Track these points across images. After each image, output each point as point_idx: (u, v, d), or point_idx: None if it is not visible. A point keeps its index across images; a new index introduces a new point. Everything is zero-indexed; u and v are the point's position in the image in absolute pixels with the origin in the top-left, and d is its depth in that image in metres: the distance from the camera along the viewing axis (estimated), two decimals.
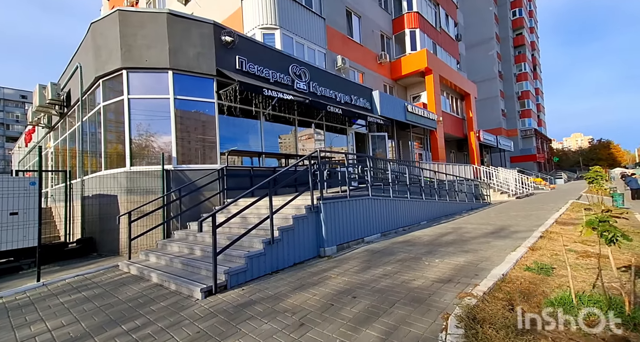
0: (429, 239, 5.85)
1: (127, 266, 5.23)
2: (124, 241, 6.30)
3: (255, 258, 4.15)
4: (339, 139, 11.85)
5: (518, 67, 50.94)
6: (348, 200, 5.69)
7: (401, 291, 3.20)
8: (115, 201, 6.67)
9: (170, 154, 6.99)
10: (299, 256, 4.78)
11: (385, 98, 13.29)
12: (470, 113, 23.04)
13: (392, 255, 4.77)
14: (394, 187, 7.18)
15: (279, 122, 9.52)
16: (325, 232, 5.10)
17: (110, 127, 7.47)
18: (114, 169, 6.94)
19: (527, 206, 10.98)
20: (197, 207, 6.79)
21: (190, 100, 7.32)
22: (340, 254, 5.13)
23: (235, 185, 7.53)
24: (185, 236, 5.99)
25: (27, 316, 3.62)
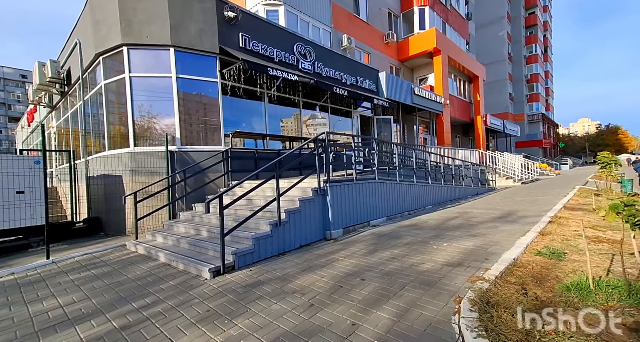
0: (435, 223, 5.82)
1: (135, 246, 5.27)
2: (131, 221, 6.33)
3: (262, 240, 4.14)
4: (344, 122, 11.63)
5: (529, 48, 49.23)
6: (354, 183, 5.62)
7: (410, 274, 3.18)
8: (120, 182, 6.65)
9: (174, 135, 6.88)
10: (305, 238, 4.77)
11: (392, 80, 12.92)
12: (478, 96, 22.49)
13: (399, 238, 4.75)
14: (400, 171, 7.08)
15: (283, 104, 9.30)
16: (332, 215, 5.07)
17: (113, 107, 7.33)
18: (117, 150, 6.87)
19: (533, 191, 10.89)
20: (201, 189, 6.77)
21: (193, 79, 7.11)
22: (346, 237, 5.12)
23: (239, 167, 7.47)
24: (191, 217, 6.00)
25: (39, 292, 3.67)
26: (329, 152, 5.28)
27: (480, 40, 35.63)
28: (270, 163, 4.35)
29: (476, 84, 22.58)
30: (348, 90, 9.60)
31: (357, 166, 6.72)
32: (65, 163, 9.00)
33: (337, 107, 11.03)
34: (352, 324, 2.32)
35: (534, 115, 47.57)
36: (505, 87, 42.99)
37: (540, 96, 50.00)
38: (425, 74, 18.94)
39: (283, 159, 4.59)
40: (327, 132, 5.29)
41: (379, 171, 6.36)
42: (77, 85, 8.59)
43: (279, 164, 4.43)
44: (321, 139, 5.23)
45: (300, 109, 9.68)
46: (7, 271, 4.54)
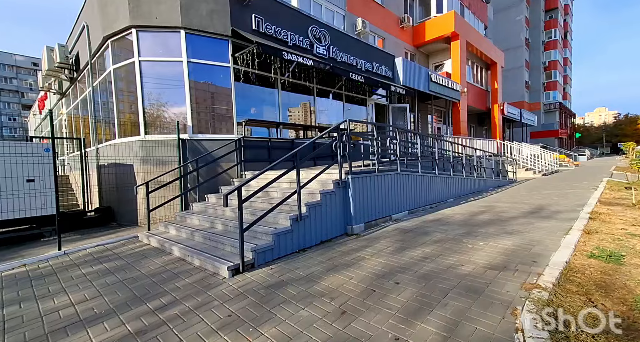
0: (462, 218, 5.47)
1: (147, 238, 5.08)
2: (142, 211, 6.15)
3: (282, 235, 3.87)
4: (358, 111, 11.16)
5: (547, 34, 47.00)
6: (376, 175, 5.27)
7: (450, 278, 2.87)
8: (131, 171, 6.45)
9: (185, 123, 6.60)
10: (326, 234, 4.49)
11: (409, 66, 12.31)
12: (495, 84, 21.56)
13: (427, 235, 4.43)
14: (422, 162, 6.68)
15: (297, 91, 8.90)
16: (354, 209, 4.76)
17: (122, 93, 7.06)
18: (128, 138, 6.64)
19: (557, 183, 10.38)
20: (214, 179, 6.52)
21: (204, 64, 6.76)
22: (368, 233, 4.83)
23: (252, 157, 7.19)
24: (204, 208, 5.78)
25: (50, 286, 3.50)
26: (350, 141, 4.92)
27: (496, 26, 34.04)
28: (290, 153, 4.03)
29: (494, 70, 21.61)
30: (365, 76, 9.11)
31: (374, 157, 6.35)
32: (76, 151, 8.86)
33: (351, 94, 10.56)
34: (395, 338, 2.04)
35: (551, 104, 45.85)
36: (521, 74, 41.34)
37: (558, 84, 48.07)
38: (442, 60, 18.13)
39: (303, 148, 4.25)
40: (349, 120, 4.91)
41: (400, 162, 5.98)
42: (86, 71, 8.33)
43: (298, 154, 4.10)
44: (343, 128, 4.86)
45: (314, 96, 9.27)
46: (19, 262, 4.41)
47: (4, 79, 59.75)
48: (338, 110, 10.24)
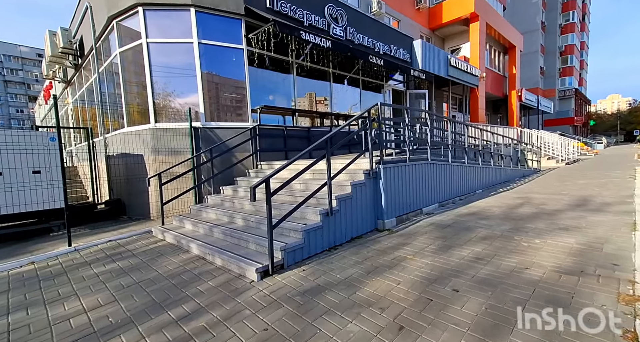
0: (500, 211, 5.02)
1: (162, 233, 4.75)
2: (155, 204, 5.83)
3: (312, 232, 3.48)
4: (374, 98, 10.59)
5: (565, 16, 44.92)
6: (407, 164, 4.82)
7: (520, 285, 2.45)
8: (142, 161, 6.09)
9: (197, 110, 6.18)
10: (357, 230, 4.09)
11: (428, 49, 11.60)
12: (513, 69, 20.59)
13: (469, 231, 4.00)
14: (452, 151, 6.18)
15: (312, 76, 8.36)
16: (385, 202, 4.34)
17: (130, 79, 6.63)
18: (137, 126, 6.25)
19: (586, 172, 9.79)
20: (229, 170, 6.13)
21: (216, 45, 6.27)
22: (401, 228, 4.42)
23: (267, 146, 6.77)
24: (220, 201, 5.41)
25: (60, 288, 3.19)
26: (382, 128, 4.45)
27: (512, 8, 32.49)
28: (322, 139, 3.58)
29: (512, 55, 20.59)
30: (384, 59, 8.52)
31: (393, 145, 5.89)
32: (83, 142, 8.55)
33: (368, 80, 9.98)
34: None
35: (566, 91, 44.25)
36: (536, 60, 39.71)
37: (575, 70, 46.26)
38: (458, 44, 17.25)
39: (335, 136, 3.80)
40: (380, 104, 4.43)
41: (431, 151, 5.50)
42: (91, 57, 7.90)
43: (330, 141, 3.66)
44: (373, 113, 4.39)
45: (330, 82, 8.72)
46: (27, 259, 4.12)
47: (10, 71, 59.78)
48: (354, 97, 9.69)
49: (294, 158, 3.40)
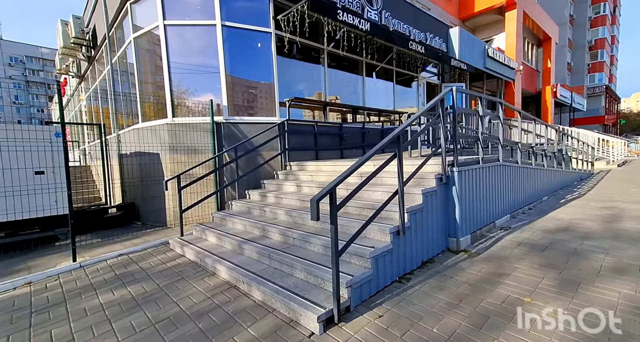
0: (598, 226, 4.01)
1: (181, 246, 3.97)
2: (172, 210, 5.09)
3: (381, 258, 2.60)
4: (405, 92, 9.60)
5: (595, 9, 42.45)
6: (480, 167, 3.87)
7: None
8: (157, 161, 5.36)
9: (219, 103, 5.40)
10: (427, 251, 3.19)
11: (466, 38, 10.54)
12: (548, 63, 19.15)
13: (582, 257, 3.04)
14: (521, 151, 5.16)
15: (343, 68, 7.47)
16: (460, 214, 3.42)
17: (145, 68, 5.92)
18: (153, 121, 5.53)
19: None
20: (254, 172, 5.32)
21: (241, 28, 5.47)
22: (479, 248, 3.49)
23: (297, 144, 5.93)
24: (247, 208, 4.61)
25: (55, 327, 2.44)
26: (456, 121, 3.52)
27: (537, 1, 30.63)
28: (393, 134, 2.68)
29: (547, 47, 19.15)
30: (426, 47, 7.55)
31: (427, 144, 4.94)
32: (96, 139, 7.95)
33: (402, 71, 9.01)
34: None
35: (596, 88, 41.82)
36: (563, 55, 37.57)
37: (605, 65, 43.73)
38: (490, 35, 16.00)
39: (404, 131, 2.91)
40: (455, 89, 3.51)
41: (502, 150, 4.52)
42: (104, 47, 7.27)
43: (401, 137, 2.77)
44: (445, 103, 3.46)
45: (363, 75, 7.80)
46: (24, 279, 3.41)
47: (32, 71, 61.35)
48: (386, 91, 8.75)
49: (366, 156, 2.51)
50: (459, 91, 3.59)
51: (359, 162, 2.38)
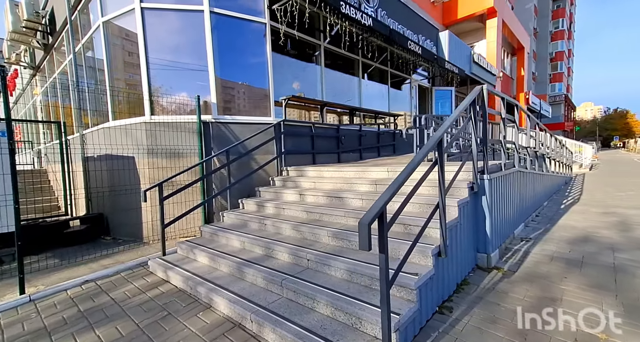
0: (618, 236, 3.86)
1: (164, 269, 3.29)
2: (151, 224, 4.35)
3: (424, 287, 2.15)
4: (397, 95, 9.39)
5: (555, 24, 45.83)
6: (503, 174, 3.57)
7: None
8: (132, 166, 4.60)
9: (207, 100, 4.75)
10: (461, 272, 2.80)
11: (454, 42, 10.58)
12: (522, 71, 20.08)
13: (627, 273, 2.78)
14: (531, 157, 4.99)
15: (339, 68, 7.05)
16: (490, 227, 3.07)
17: (116, 58, 5.13)
18: (126, 119, 4.76)
19: (622, 178, 8.93)
20: (248, 178, 4.71)
21: (232, 17, 4.87)
22: (510, 263, 3.16)
23: (294, 147, 5.41)
24: (243, 221, 4.00)
25: None
26: (487, 123, 3.19)
27: None
28: (436, 139, 2.24)
29: (521, 56, 20.09)
30: (422, 48, 7.34)
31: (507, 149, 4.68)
32: (55, 139, 6.89)
33: (396, 73, 8.77)
34: None
35: (557, 96, 44.99)
36: (529, 65, 40.08)
37: (564, 76, 47.18)
38: (472, 42, 16.34)
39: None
40: (485, 88, 3.18)
41: (518, 156, 4.28)
42: (65, 33, 6.32)
43: (442, 141, 2.34)
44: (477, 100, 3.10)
45: (359, 77, 7.43)
46: None
47: None
48: (381, 94, 8.45)
49: (414, 163, 2.06)
50: (494, 93, 3.27)
51: (407, 170, 1.91)
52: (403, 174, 1.85)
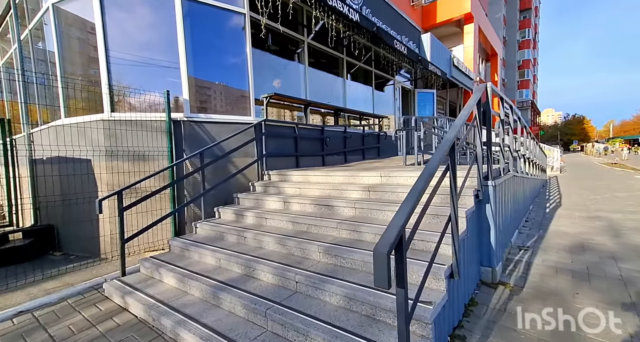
0: (613, 244, 3.77)
1: (122, 294, 2.74)
2: (110, 236, 3.76)
3: (438, 317, 1.81)
4: (383, 96, 9.21)
5: (522, 33, 48.58)
6: (504, 179, 3.35)
7: None
8: (89, 170, 3.97)
9: (178, 96, 4.23)
10: (467, 291, 2.51)
11: (436, 45, 10.59)
12: (495, 76, 20.79)
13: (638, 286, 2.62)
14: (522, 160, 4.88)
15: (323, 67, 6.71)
16: (495, 237, 2.81)
17: (71, 46, 4.46)
18: (82, 116, 4.11)
19: (592, 180, 9.28)
20: (225, 184, 4.22)
21: (207, 4, 4.38)
22: (514, 277, 2.92)
23: (276, 149, 4.99)
24: (219, 233, 3.52)
25: None
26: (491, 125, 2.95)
27: None
28: (450, 141, 1.92)
29: (494, 62, 20.81)
30: (408, 49, 7.16)
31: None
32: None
33: (380, 73, 8.57)
34: None
35: (524, 102, 47.54)
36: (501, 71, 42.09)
37: (530, 83, 49.97)
38: (450, 47, 16.65)
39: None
40: (490, 86, 2.95)
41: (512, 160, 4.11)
42: (10, 18, 5.51)
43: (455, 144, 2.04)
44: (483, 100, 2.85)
45: (344, 77, 7.12)
46: None
47: None
48: (365, 95, 8.21)
49: (431, 167, 1.72)
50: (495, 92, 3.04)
51: (424, 177, 1.57)
52: (420, 182, 1.51)
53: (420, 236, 2.38)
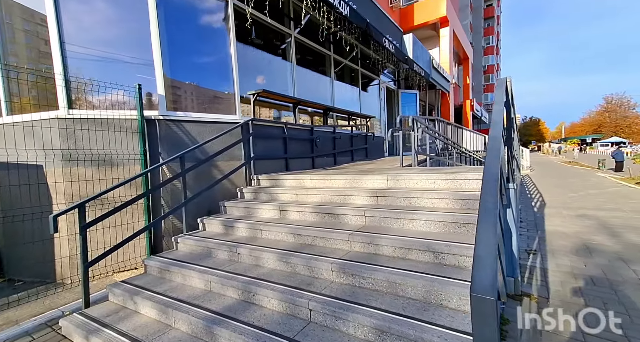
0: (614, 243, 3.75)
1: (84, 333, 2.19)
2: (68, 259, 3.13)
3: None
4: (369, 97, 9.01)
5: (486, 40, 51.38)
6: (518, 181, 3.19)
7: None
8: (40, 178, 3.30)
9: (151, 92, 3.67)
10: (499, 307, 2.26)
11: (417, 46, 10.62)
12: (467, 79, 21.57)
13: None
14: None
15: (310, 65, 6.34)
16: (516, 244, 2.61)
17: (16, 29, 3.74)
18: (30, 114, 3.42)
19: (564, 179, 9.73)
20: (209, 191, 3.72)
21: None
22: (535, 286, 2.74)
23: (264, 151, 4.55)
24: (206, 249, 3.03)
25: None
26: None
27: None
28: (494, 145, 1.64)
29: (466, 66, 21.58)
30: (395, 47, 7.01)
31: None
32: None
33: (366, 73, 8.37)
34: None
35: (490, 105, 50.24)
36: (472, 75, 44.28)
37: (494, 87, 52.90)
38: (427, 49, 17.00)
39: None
40: (509, 79, 2.75)
41: None
42: None
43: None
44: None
45: (331, 76, 6.80)
46: None
47: None
48: (352, 95, 7.94)
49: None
50: None
51: (491, 188, 1.27)
52: (490, 197, 1.19)
53: (449, 249, 2.10)
